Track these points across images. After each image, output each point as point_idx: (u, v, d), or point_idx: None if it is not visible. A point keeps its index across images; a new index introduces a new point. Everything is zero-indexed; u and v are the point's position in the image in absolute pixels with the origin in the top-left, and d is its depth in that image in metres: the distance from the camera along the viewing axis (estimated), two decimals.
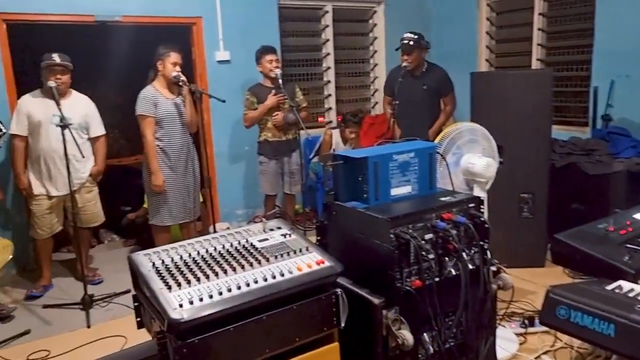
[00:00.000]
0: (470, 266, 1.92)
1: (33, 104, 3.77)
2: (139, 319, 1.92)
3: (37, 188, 3.79)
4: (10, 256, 1.60)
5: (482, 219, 1.94)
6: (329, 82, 5.94)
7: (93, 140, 4.03)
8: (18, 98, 3.93)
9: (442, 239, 1.87)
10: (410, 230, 1.79)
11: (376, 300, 1.80)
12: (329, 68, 5.91)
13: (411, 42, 4.28)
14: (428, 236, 1.85)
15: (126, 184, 5.45)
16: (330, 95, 5.98)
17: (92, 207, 4.03)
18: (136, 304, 1.91)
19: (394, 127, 4.40)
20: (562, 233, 2.10)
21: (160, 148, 3.88)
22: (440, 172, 2.37)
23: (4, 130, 2.79)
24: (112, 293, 3.80)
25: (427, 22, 6.22)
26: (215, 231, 3.91)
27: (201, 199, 4.42)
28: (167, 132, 3.89)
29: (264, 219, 2.02)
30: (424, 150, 2.00)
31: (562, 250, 2.08)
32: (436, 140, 2.76)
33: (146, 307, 1.78)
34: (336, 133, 5.25)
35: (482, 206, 1.99)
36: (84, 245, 3.99)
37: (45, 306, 3.68)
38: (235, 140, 5.16)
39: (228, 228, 5.15)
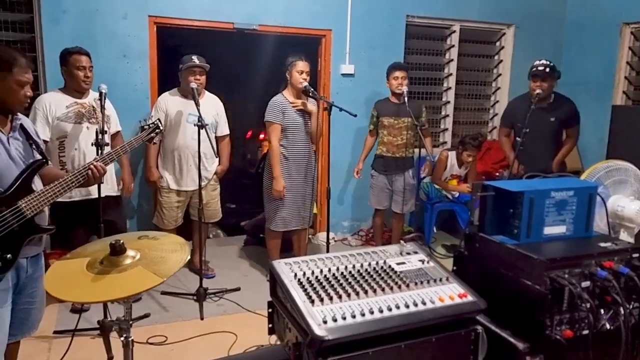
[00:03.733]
0: None
1: (171, 102, 4.01)
2: (270, 325, 1.95)
3: (170, 182, 4.03)
4: (188, 256, 1.67)
5: None
6: (448, 102, 5.80)
7: (219, 140, 4.22)
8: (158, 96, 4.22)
9: (600, 288, 1.71)
10: (567, 276, 1.66)
11: (521, 345, 1.69)
12: (449, 88, 5.77)
13: (547, 69, 4.09)
14: (585, 284, 1.70)
15: (231, 182, 5.66)
16: (447, 115, 5.83)
17: (214, 204, 4.23)
18: (270, 310, 1.94)
19: (514, 159, 4.19)
20: None
21: (284, 155, 3.99)
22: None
23: (161, 128, 2.99)
24: (224, 289, 3.95)
25: (559, 49, 5.90)
26: (328, 242, 3.93)
27: (315, 210, 4.47)
28: (291, 141, 3.99)
29: (401, 241, 1.98)
30: (584, 189, 1.86)
31: None
32: (583, 177, 2.59)
33: (283, 315, 1.80)
34: (452, 155, 5.11)
35: None
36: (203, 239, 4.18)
37: (163, 293, 3.90)
38: (350, 152, 5.19)
39: (333, 238, 5.20)
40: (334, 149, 5.08)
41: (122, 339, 1.68)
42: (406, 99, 4.29)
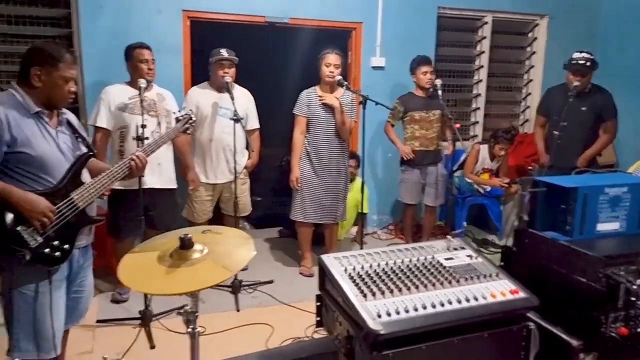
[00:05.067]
0: None
1: (201, 96, 4.02)
2: (318, 318, 1.97)
3: (200, 176, 4.06)
4: (254, 252, 1.70)
5: None
6: (479, 95, 5.73)
7: (249, 133, 4.23)
8: None
9: None
10: (623, 273, 1.64)
11: (575, 342, 1.68)
12: (480, 81, 5.70)
13: (588, 63, 3.98)
14: (639, 281, 1.68)
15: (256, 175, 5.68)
16: (478, 108, 5.77)
17: (244, 198, 4.24)
18: (318, 303, 1.96)
19: (546, 150, 4.12)
20: None
21: (306, 148, 4.01)
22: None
23: (193, 118, 3.02)
24: (258, 281, 3.98)
25: (594, 40, 5.77)
26: (362, 236, 3.94)
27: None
28: (313, 134, 4.02)
29: (448, 237, 1.98)
30: (638, 185, 1.83)
31: None
32: (629, 171, 2.55)
33: (333, 309, 1.81)
34: (484, 148, 5.06)
35: None
36: None
37: None
38: (378, 146, 5.17)
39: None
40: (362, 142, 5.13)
41: (189, 329, 1.73)
42: (440, 92, 4.26)
